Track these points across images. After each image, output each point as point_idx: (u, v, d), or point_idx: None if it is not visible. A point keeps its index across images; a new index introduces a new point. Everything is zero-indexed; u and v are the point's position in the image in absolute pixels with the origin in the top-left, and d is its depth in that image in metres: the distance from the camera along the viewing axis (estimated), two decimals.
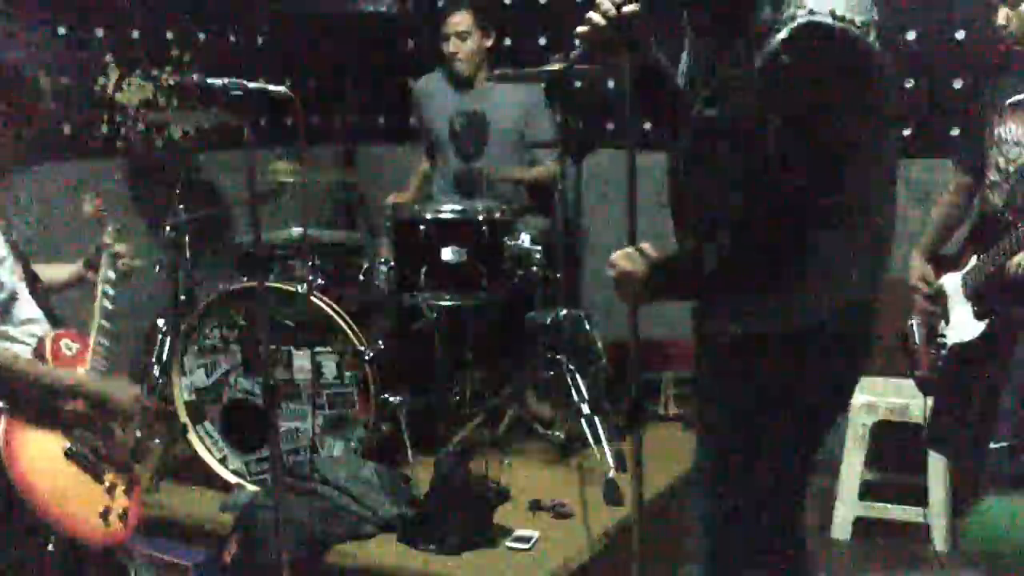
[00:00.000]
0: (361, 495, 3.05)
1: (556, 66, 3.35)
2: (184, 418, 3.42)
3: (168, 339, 3.54)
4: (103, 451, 2.36)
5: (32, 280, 2.46)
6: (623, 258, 2.01)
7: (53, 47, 3.80)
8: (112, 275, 2.57)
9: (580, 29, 1.99)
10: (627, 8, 1.94)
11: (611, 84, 4.37)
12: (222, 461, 3.45)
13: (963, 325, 2.86)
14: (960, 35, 3.90)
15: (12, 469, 2.13)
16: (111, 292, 2.56)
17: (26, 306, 2.42)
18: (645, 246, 2.03)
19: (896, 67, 1.97)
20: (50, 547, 2.16)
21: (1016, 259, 2.69)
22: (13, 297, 2.38)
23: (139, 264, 2.72)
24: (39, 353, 2.36)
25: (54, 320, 2.49)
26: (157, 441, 2.57)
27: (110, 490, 2.31)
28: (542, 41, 4.67)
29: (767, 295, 1.97)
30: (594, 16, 1.96)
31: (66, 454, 2.26)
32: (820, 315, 1.97)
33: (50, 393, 2.29)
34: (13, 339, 2.37)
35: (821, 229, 1.89)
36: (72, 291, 2.75)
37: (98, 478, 2.32)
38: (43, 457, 2.21)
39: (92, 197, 2.72)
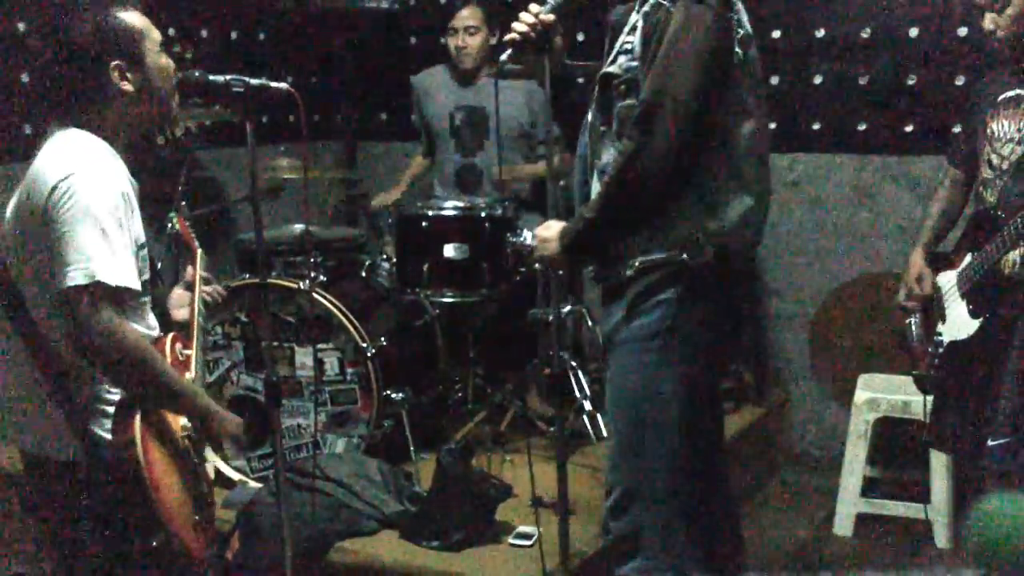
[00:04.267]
0: (363, 492, 3.06)
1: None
2: None
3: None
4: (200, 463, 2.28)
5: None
6: (542, 228, 2.43)
7: None
8: (206, 298, 2.52)
9: (508, 36, 2.41)
10: (544, 17, 2.40)
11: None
12: (224, 457, 3.46)
13: (959, 323, 2.86)
14: (962, 32, 3.89)
15: (145, 459, 2.02)
16: (203, 309, 2.49)
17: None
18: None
19: (762, 69, 2.31)
20: (154, 543, 2.08)
21: (1010, 256, 2.68)
22: (147, 288, 2.21)
23: (224, 293, 2.67)
24: (159, 350, 2.20)
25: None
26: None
27: (198, 504, 2.23)
28: None
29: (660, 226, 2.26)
30: (519, 26, 2.39)
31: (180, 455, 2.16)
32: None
33: (163, 395, 2.10)
34: (149, 326, 2.23)
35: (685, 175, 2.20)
36: None
37: (196, 489, 2.22)
38: (164, 454, 2.12)
39: (176, 216, 2.71)
